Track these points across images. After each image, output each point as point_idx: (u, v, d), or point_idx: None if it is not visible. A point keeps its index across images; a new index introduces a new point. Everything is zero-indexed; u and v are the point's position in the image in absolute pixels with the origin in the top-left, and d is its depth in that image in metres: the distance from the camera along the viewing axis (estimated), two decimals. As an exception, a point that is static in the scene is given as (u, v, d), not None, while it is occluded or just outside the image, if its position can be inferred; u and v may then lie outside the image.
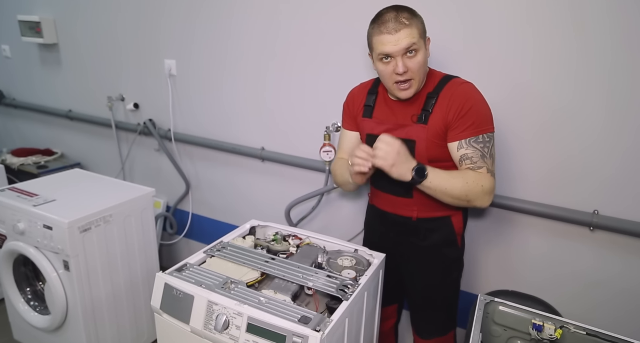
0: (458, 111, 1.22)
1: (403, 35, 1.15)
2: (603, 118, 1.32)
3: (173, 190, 2.41)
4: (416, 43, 1.17)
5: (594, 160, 1.36)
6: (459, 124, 1.22)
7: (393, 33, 1.16)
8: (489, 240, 1.61)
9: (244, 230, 1.51)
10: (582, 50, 1.30)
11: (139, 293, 1.90)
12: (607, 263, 1.42)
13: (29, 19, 2.50)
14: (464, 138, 1.22)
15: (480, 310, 1.15)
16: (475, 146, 1.22)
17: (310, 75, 1.80)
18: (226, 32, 1.96)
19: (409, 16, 1.17)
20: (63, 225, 1.54)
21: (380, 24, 1.18)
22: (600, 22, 1.26)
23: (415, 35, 1.17)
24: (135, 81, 2.36)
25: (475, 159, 1.22)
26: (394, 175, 1.18)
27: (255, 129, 2.04)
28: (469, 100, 1.22)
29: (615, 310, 1.44)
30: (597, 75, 1.30)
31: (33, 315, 1.80)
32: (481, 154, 1.22)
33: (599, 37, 1.27)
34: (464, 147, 1.22)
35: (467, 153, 1.22)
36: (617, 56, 1.26)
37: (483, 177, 1.22)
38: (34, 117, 2.96)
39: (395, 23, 1.16)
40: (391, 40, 1.16)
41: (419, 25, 1.19)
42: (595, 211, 1.39)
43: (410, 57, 1.18)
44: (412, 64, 1.19)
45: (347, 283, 1.19)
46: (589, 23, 1.28)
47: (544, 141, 1.42)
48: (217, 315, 1.08)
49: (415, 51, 1.18)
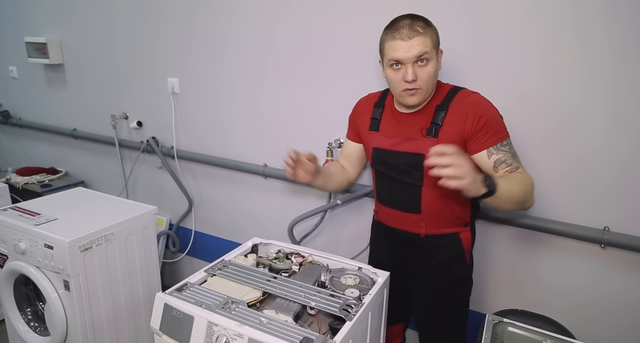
0: (476, 122, 1.21)
1: (416, 43, 1.15)
2: (608, 134, 1.31)
3: (176, 207, 2.40)
4: (428, 53, 1.17)
5: (603, 177, 1.34)
6: (482, 134, 1.21)
7: (406, 40, 1.16)
8: (498, 258, 1.58)
9: (245, 248, 1.48)
10: (585, 59, 1.30)
11: (140, 312, 1.87)
12: (621, 282, 1.38)
13: (36, 40, 2.55)
14: (491, 145, 1.21)
15: (489, 331, 1.11)
16: (504, 149, 1.22)
17: (312, 93, 1.81)
18: (227, 51, 1.98)
19: (424, 25, 1.18)
20: (64, 244, 1.53)
21: (394, 30, 1.18)
22: (603, 30, 1.26)
23: (428, 45, 1.17)
24: (138, 100, 2.38)
25: (509, 161, 1.21)
26: (470, 194, 1.06)
27: (257, 146, 2.04)
28: (484, 109, 1.22)
29: (630, 328, 1.39)
30: (604, 83, 1.29)
31: (32, 336, 1.77)
32: (512, 154, 1.22)
33: (602, 46, 1.27)
34: (494, 152, 1.21)
35: (500, 157, 1.21)
36: (621, 65, 1.26)
37: (526, 175, 1.22)
38: (39, 136, 2.98)
39: (409, 30, 1.16)
40: (403, 47, 1.16)
41: (433, 36, 1.19)
42: (606, 228, 1.36)
43: (421, 66, 1.18)
44: (422, 73, 1.18)
45: (350, 302, 1.16)
46: (592, 32, 1.28)
47: (551, 155, 1.40)
48: (217, 337, 1.06)
49: (427, 61, 1.18)
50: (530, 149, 1.41)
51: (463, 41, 1.45)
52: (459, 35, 1.45)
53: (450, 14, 1.45)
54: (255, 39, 1.89)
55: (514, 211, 1.23)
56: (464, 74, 1.47)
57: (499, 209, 1.22)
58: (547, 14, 1.32)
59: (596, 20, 1.26)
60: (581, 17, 1.28)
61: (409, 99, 1.23)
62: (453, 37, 1.43)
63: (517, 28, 1.36)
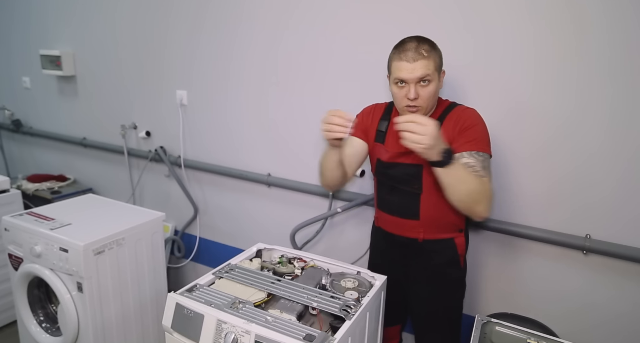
0: (461, 127, 1.30)
1: (419, 66, 1.25)
2: (598, 144, 1.39)
3: (181, 214, 2.49)
4: (430, 75, 1.26)
5: (586, 187, 1.43)
6: (462, 137, 1.29)
7: (411, 62, 1.25)
8: (489, 264, 1.66)
9: (250, 252, 1.57)
10: (582, 71, 1.37)
11: (147, 313, 1.94)
12: (603, 287, 1.47)
13: (50, 53, 2.65)
14: (466, 150, 1.28)
15: (478, 330, 1.19)
16: (477, 157, 1.28)
17: (316, 104, 1.90)
18: (233, 64, 2.09)
19: (429, 49, 1.27)
20: (79, 247, 1.61)
21: (401, 51, 1.28)
22: (600, 43, 1.33)
23: (431, 68, 1.26)
24: (147, 111, 2.48)
25: (478, 168, 1.26)
26: (424, 156, 1.17)
27: (261, 156, 2.13)
28: (472, 120, 1.31)
29: (614, 333, 1.48)
30: (595, 103, 1.37)
31: (45, 337, 1.84)
32: (482, 165, 1.27)
33: (600, 57, 1.34)
34: (466, 157, 1.28)
35: (470, 162, 1.27)
36: (617, 80, 1.33)
37: (487, 183, 1.27)
38: (49, 145, 3.08)
39: (415, 53, 1.25)
40: (408, 68, 1.26)
41: (437, 59, 1.29)
42: (587, 235, 1.45)
43: (423, 86, 1.28)
44: (423, 92, 1.28)
45: (349, 303, 1.24)
46: (592, 41, 1.35)
47: (539, 165, 1.49)
48: (225, 334, 1.13)
49: (429, 81, 1.27)
50: (521, 159, 1.51)
51: (461, 54, 1.53)
52: (457, 48, 1.53)
53: (450, 28, 1.54)
54: (260, 51, 1.99)
55: (463, 207, 1.26)
56: (461, 86, 1.57)
57: (447, 192, 1.24)
58: (543, 25, 1.40)
59: (593, 33, 1.34)
60: (579, 30, 1.35)
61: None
62: (452, 50, 1.51)
63: (514, 40, 1.45)
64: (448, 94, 1.56)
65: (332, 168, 1.40)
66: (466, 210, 1.29)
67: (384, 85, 1.69)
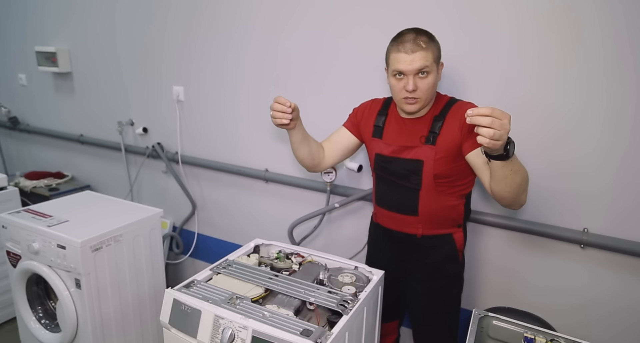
0: (470, 125, 1.28)
1: (418, 57, 1.25)
2: (597, 138, 1.39)
3: (179, 211, 2.49)
4: (429, 66, 1.26)
5: (584, 180, 1.43)
6: (475, 134, 1.28)
7: (409, 53, 1.25)
8: (487, 259, 1.67)
9: (248, 248, 1.57)
10: (581, 68, 1.37)
11: (146, 309, 1.95)
12: (601, 281, 1.47)
13: (46, 49, 2.64)
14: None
15: (475, 324, 1.20)
16: None
17: (313, 101, 1.90)
18: (230, 60, 2.08)
19: (427, 40, 1.27)
20: (76, 244, 1.61)
21: (399, 43, 1.27)
22: (597, 37, 1.33)
23: (430, 59, 1.26)
24: (144, 107, 2.48)
25: None
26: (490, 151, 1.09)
27: (259, 151, 2.13)
28: None
29: (612, 327, 1.48)
30: (592, 97, 1.37)
31: (44, 333, 1.85)
32: None
33: (596, 55, 1.35)
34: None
35: None
36: (614, 77, 1.33)
37: None
38: (47, 142, 3.07)
39: (413, 44, 1.25)
40: (406, 60, 1.25)
41: (435, 51, 1.28)
42: (585, 229, 1.45)
43: (421, 77, 1.27)
44: (422, 84, 1.28)
45: (347, 298, 1.24)
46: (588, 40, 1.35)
47: (536, 159, 1.48)
48: (223, 329, 1.14)
49: (427, 73, 1.27)
50: (518, 154, 1.50)
51: (458, 46, 1.53)
52: (454, 40, 1.52)
53: (446, 21, 1.53)
54: (258, 47, 1.98)
55: (510, 198, 1.20)
56: (459, 78, 1.56)
57: (500, 185, 1.19)
58: (540, 19, 1.39)
59: (591, 28, 1.33)
60: (575, 24, 1.35)
61: (408, 106, 1.33)
62: (448, 42, 1.49)
63: (511, 33, 1.45)
64: (447, 88, 1.55)
65: (295, 148, 1.47)
66: (511, 200, 1.24)
67: (382, 81, 1.68)
